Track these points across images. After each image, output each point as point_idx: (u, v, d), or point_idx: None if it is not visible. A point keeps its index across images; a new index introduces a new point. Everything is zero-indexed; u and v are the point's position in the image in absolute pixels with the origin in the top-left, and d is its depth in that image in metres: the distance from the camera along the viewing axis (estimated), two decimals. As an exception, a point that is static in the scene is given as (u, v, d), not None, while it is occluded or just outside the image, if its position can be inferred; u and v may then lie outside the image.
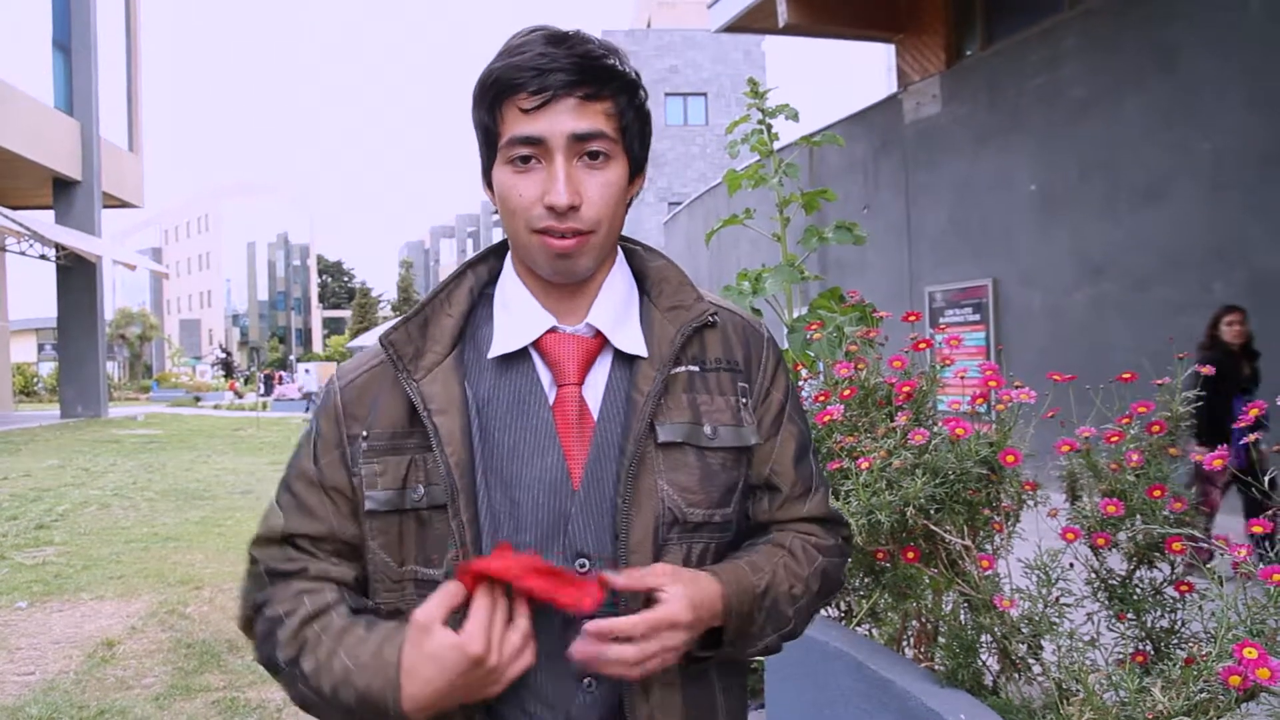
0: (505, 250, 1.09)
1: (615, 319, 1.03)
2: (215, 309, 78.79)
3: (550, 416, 0.99)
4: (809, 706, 2.34)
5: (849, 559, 1.17)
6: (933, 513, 1.98)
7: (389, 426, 1.01)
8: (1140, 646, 1.83)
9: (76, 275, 18.29)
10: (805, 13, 10.64)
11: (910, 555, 2.04)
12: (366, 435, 1.01)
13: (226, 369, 51.44)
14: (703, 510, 1.01)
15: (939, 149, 10.12)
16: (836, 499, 2.09)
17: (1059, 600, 1.84)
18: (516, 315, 1.03)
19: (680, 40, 28.50)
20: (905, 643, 2.33)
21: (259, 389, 37.82)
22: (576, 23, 1.10)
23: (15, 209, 17.26)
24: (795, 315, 3.59)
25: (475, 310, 1.06)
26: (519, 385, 1.01)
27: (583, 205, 0.95)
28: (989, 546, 2.06)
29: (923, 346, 2.30)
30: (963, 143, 9.76)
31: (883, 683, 1.98)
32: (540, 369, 1.02)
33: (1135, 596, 1.86)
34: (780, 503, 1.08)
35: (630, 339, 1.03)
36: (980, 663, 2.00)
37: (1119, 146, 7.91)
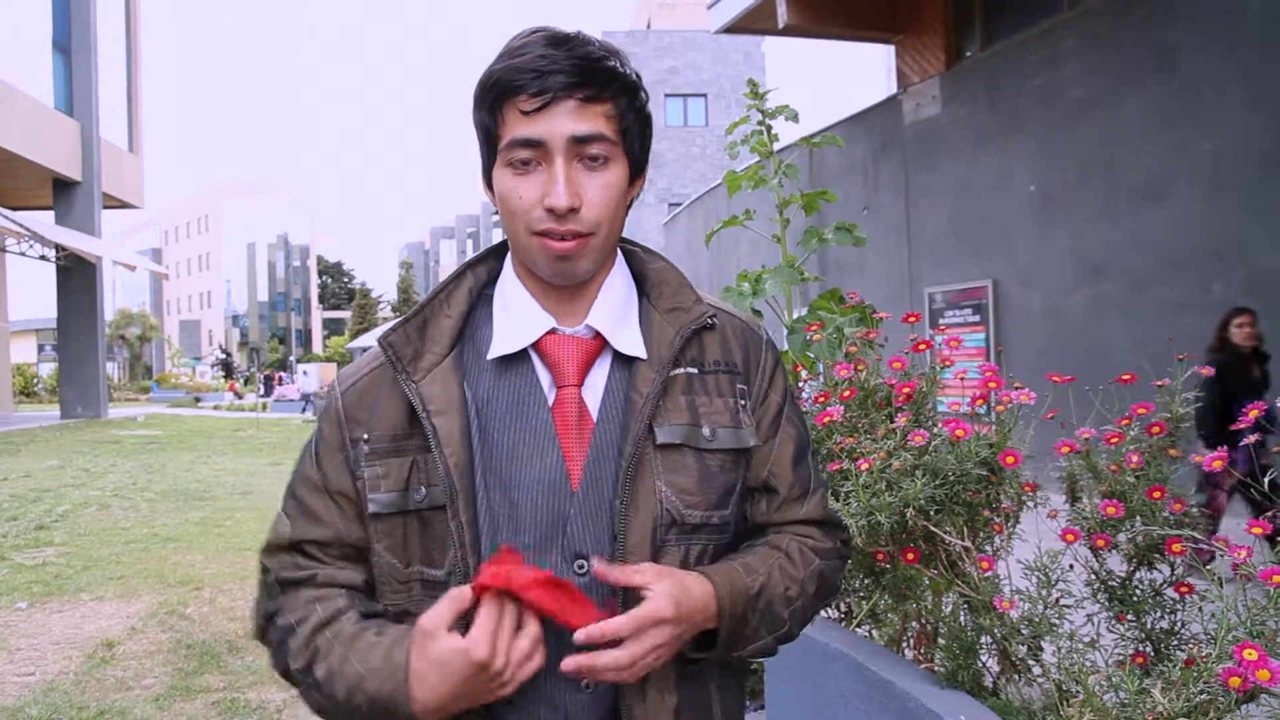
0: (505, 251, 1.09)
1: (615, 321, 1.03)
2: (215, 310, 78.78)
3: (550, 418, 0.99)
4: (809, 707, 2.34)
5: (847, 562, 1.16)
6: (932, 514, 1.98)
7: (389, 429, 1.01)
8: (1140, 648, 1.83)
9: (76, 276, 18.29)
10: (805, 14, 10.64)
11: (910, 556, 2.04)
12: (368, 438, 1.01)
13: (226, 370, 51.44)
14: (701, 512, 1.01)
15: (939, 150, 10.12)
16: (836, 500, 2.09)
17: (1059, 601, 1.84)
18: (516, 316, 1.03)
19: (680, 41, 28.50)
20: (905, 644, 2.33)
21: (259, 390, 37.85)
22: (576, 24, 1.10)
23: (15, 209, 17.26)
24: (795, 316, 3.59)
25: (475, 311, 1.06)
26: (518, 386, 1.01)
27: (583, 207, 0.95)
28: (989, 548, 2.06)
29: (922, 348, 2.29)
30: (962, 144, 9.76)
31: (883, 684, 1.98)
32: (540, 370, 1.02)
33: (1135, 598, 1.86)
34: (778, 504, 1.08)
35: (629, 341, 1.03)
36: (980, 664, 2.00)
37: (1118, 147, 7.92)
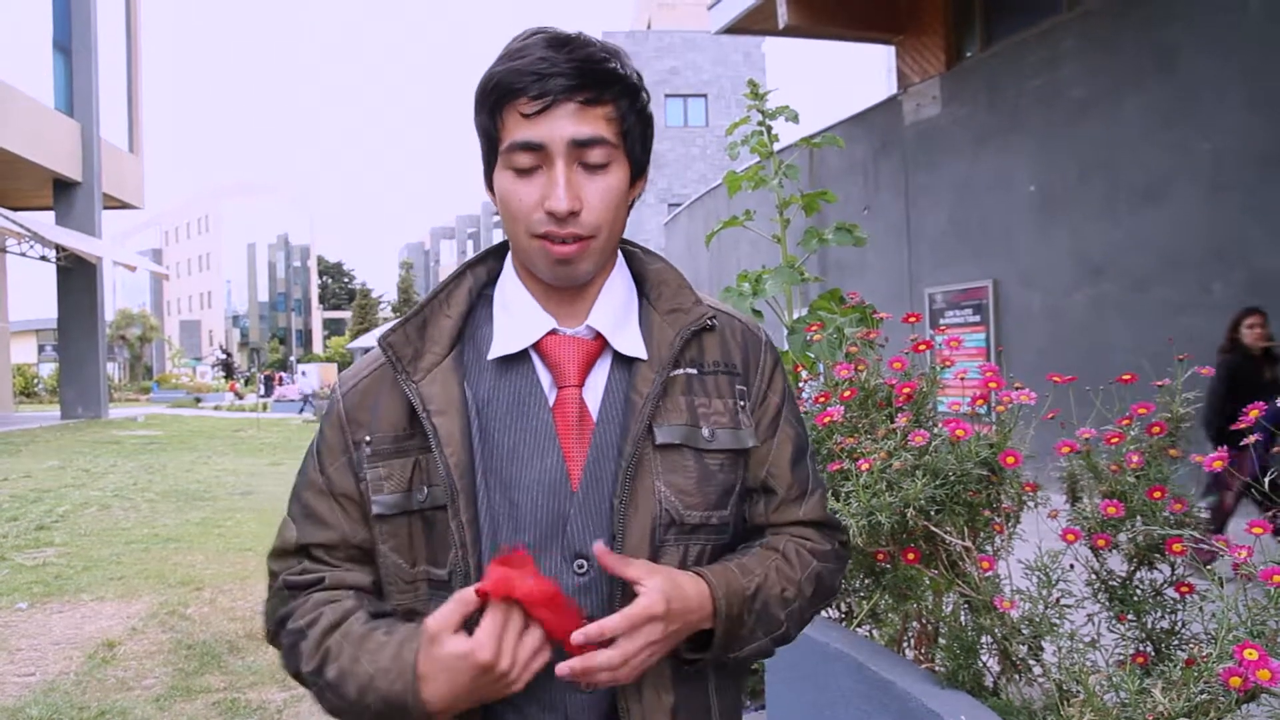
0: (505, 251, 1.09)
1: (615, 321, 1.03)
2: (215, 310, 78.78)
3: (550, 418, 1.00)
4: (809, 708, 2.34)
5: (845, 564, 1.16)
6: (933, 514, 1.98)
7: (390, 429, 1.01)
8: (1141, 648, 1.83)
9: (77, 276, 18.29)
10: (805, 14, 10.64)
11: (910, 556, 2.04)
12: (370, 440, 1.01)
13: (227, 370, 51.43)
14: (700, 512, 1.01)
15: (939, 150, 10.12)
16: (837, 500, 2.09)
17: (1059, 601, 1.84)
18: (517, 317, 1.03)
19: (680, 42, 28.50)
20: (906, 644, 2.33)
21: (259, 390, 37.87)
22: (577, 24, 1.10)
23: (16, 210, 17.27)
24: (795, 317, 3.59)
25: (474, 311, 1.06)
26: (519, 387, 1.01)
27: (583, 210, 0.95)
28: (989, 548, 2.06)
29: (923, 348, 2.29)
30: (962, 144, 9.76)
31: (883, 684, 1.98)
32: (540, 371, 1.02)
33: (1136, 598, 1.86)
34: (776, 505, 1.08)
35: (630, 341, 1.03)
36: (981, 664, 2.00)
37: (1118, 147, 7.92)
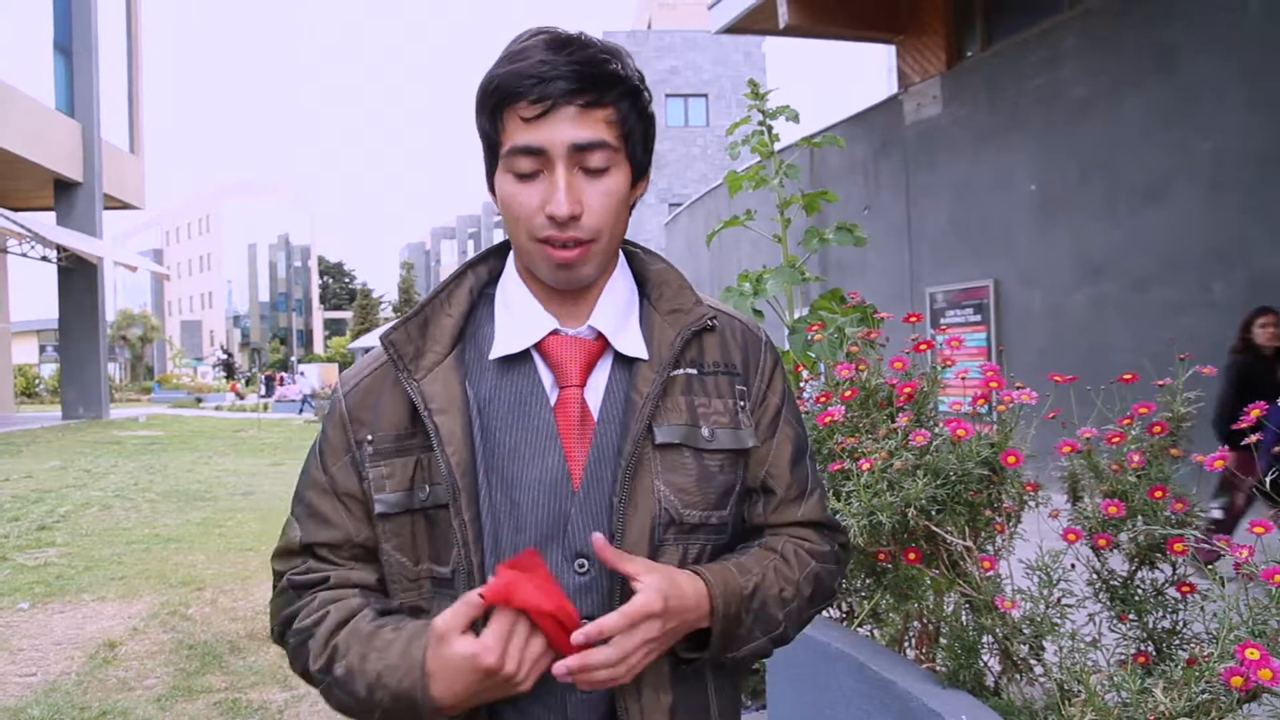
0: (506, 250, 1.09)
1: (616, 322, 1.03)
2: (216, 310, 78.81)
3: (552, 418, 1.00)
4: (810, 707, 2.34)
5: (845, 565, 1.16)
6: (934, 514, 1.98)
7: (392, 428, 1.01)
8: (1142, 647, 1.83)
9: (78, 277, 18.30)
10: (806, 14, 10.64)
11: (912, 556, 2.04)
12: (372, 439, 1.01)
13: (228, 370, 51.46)
14: (699, 512, 1.01)
15: (939, 150, 10.12)
16: (838, 500, 2.09)
17: (1060, 601, 1.84)
18: (518, 316, 1.03)
19: (681, 41, 28.49)
20: (907, 644, 2.33)
21: (260, 390, 37.88)
22: (577, 24, 1.10)
23: (16, 210, 17.28)
24: (796, 316, 3.59)
25: (476, 310, 1.06)
26: (520, 386, 1.01)
27: (584, 214, 0.95)
28: (990, 547, 2.06)
29: (924, 347, 2.29)
30: (963, 143, 9.76)
31: (884, 684, 1.98)
32: (542, 370, 1.02)
33: (1137, 597, 1.86)
34: (775, 505, 1.08)
35: (631, 342, 1.03)
36: (982, 664, 2.00)
37: (1119, 147, 7.91)
